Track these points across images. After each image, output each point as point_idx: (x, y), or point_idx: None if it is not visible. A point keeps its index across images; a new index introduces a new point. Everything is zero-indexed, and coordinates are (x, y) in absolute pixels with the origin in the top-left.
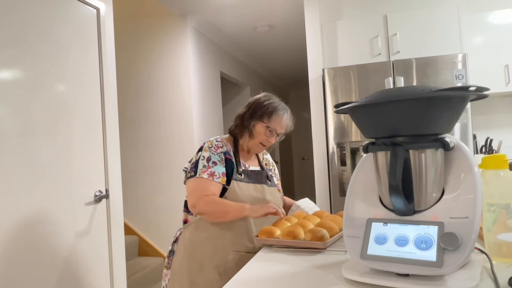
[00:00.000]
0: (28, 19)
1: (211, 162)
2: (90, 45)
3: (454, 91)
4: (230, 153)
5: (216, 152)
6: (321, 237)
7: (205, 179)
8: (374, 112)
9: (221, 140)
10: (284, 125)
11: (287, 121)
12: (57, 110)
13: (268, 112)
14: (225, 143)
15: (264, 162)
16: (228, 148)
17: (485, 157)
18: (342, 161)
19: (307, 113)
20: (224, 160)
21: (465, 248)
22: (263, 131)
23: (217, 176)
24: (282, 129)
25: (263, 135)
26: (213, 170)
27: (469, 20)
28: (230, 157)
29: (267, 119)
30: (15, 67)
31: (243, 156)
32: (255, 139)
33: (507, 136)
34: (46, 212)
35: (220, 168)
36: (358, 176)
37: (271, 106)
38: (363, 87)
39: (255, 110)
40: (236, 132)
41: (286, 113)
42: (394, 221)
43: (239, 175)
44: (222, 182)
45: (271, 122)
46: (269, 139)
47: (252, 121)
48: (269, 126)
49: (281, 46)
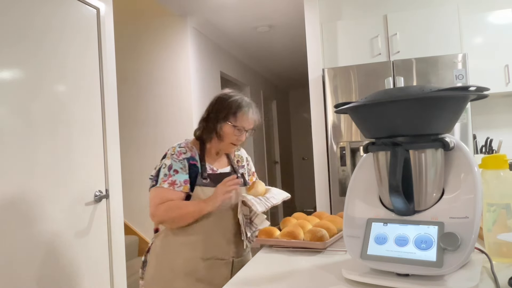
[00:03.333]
0: (28, 19)
1: (172, 171)
2: (90, 45)
3: (454, 91)
4: (196, 157)
5: (178, 159)
6: (321, 237)
7: (165, 189)
8: (374, 112)
9: (185, 145)
10: (251, 120)
11: (254, 116)
12: (57, 110)
13: (233, 111)
14: (189, 148)
15: (236, 159)
16: (193, 153)
17: (485, 157)
18: (342, 161)
19: (307, 113)
20: (187, 167)
21: (465, 248)
22: (231, 131)
23: (178, 184)
24: (250, 125)
25: (232, 135)
26: (174, 178)
27: (469, 20)
28: (194, 162)
29: (233, 119)
30: (15, 67)
31: (211, 158)
32: (225, 141)
33: (507, 136)
34: (46, 212)
35: (182, 176)
36: (358, 176)
37: (235, 104)
38: (363, 87)
39: (218, 111)
40: (203, 137)
41: (250, 108)
42: (394, 221)
43: (204, 180)
44: (184, 190)
45: (238, 121)
46: (239, 137)
47: (218, 123)
48: (236, 125)
49: (281, 46)
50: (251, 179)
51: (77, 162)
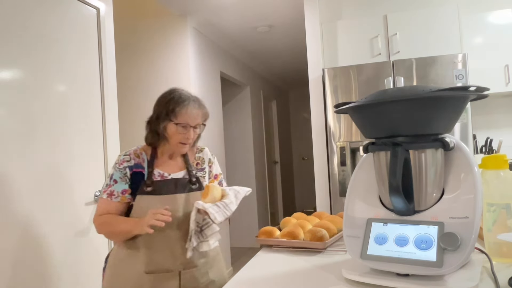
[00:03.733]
0: (28, 19)
1: (112, 180)
2: (90, 45)
3: (454, 91)
4: (143, 164)
5: (119, 168)
6: (321, 237)
7: (104, 200)
8: (374, 112)
9: (131, 152)
10: (193, 115)
11: (195, 110)
12: (57, 110)
13: (171, 109)
14: (135, 156)
15: (196, 162)
16: (140, 160)
17: (485, 157)
18: (342, 161)
19: (307, 113)
20: (128, 176)
21: (465, 248)
22: (175, 129)
23: (116, 195)
24: (195, 120)
25: (177, 134)
26: (112, 189)
27: (469, 20)
28: (140, 170)
29: (174, 116)
30: (15, 67)
31: (163, 163)
32: (172, 141)
33: (507, 136)
34: (46, 212)
35: (120, 186)
36: (358, 176)
37: (173, 101)
38: (363, 87)
39: (159, 112)
40: (152, 141)
41: (190, 102)
42: (394, 221)
43: (147, 188)
44: (122, 201)
45: (179, 118)
46: (185, 135)
47: (160, 124)
48: (178, 122)
49: (281, 46)
50: (212, 181)
51: (77, 162)
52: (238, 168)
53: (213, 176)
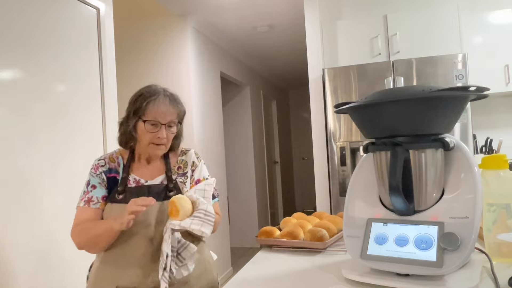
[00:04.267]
0: (27, 19)
1: (90, 186)
2: (90, 45)
3: (454, 91)
4: (118, 169)
5: (95, 173)
6: (321, 237)
7: (81, 208)
8: (374, 112)
9: (106, 157)
10: (162, 111)
11: (165, 105)
12: (57, 110)
13: (139, 105)
14: (110, 160)
15: (177, 166)
16: (116, 165)
17: (485, 157)
18: (342, 161)
19: (307, 113)
20: (106, 181)
21: (465, 248)
22: (143, 128)
23: (95, 201)
24: (164, 117)
25: (147, 133)
26: (91, 195)
27: (469, 20)
28: (114, 175)
29: (142, 113)
30: (15, 67)
31: (141, 168)
32: (143, 141)
33: (507, 136)
34: (46, 212)
35: (100, 191)
36: (358, 176)
37: (141, 98)
38: (363, 87)
39: (129, 111)
40: (124, 143)
41: (159, 97)
42: (394, 221)
43: (118, 196)
44: (102, 207)
45: (146, 114)
46: (156, 134)
47: (130, 123)
48: (147, 119)
49: (281, 46)
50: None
51: (77, 162)
52: (238, 168)
53: (194, 181)
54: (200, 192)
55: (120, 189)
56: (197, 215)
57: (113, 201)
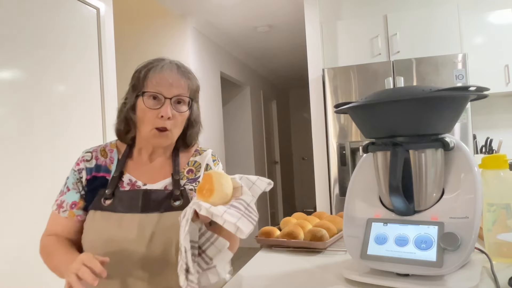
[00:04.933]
0: (28, 19)
1: (65, 186)
2: (90, 45)
3: (454, 91)
4: (110, 167)
5: (75, 169)
6: (321, 237)
7: (53, 213)
8: (374, 112)
9: (96, 149)
10: (167, 79)
11: (171, 73)
12: (57, 110)
13: (142, 77)
14: (100, 154)
15: (188, 168)
16: (107, 160)
17: (485, 157)
18: (342, 161)
19: (307, 113)
20: (83, 182)
21: (465, 248)
22: (143, 105)
23: (64, 208)
24: (169, 87)
25: (148, 113)
26: (63, 198)
27: (469, 20)
28: (102, 174)
29: (142, 85)
30: (15, 67)
31: (140, 167)
32: (144, 126)
33: (507, 136)
34: (46, 212)
35: (71, 195)
36: (358, 176)
37: (144, 68)
38: (363, 87)
39: (129, 89)
40: (126, 134)
41: (166, 64)
42: (394, 221)
43: (105, 201)
44: (70, 216)
45: (149, 85)
46: (160, 113)
47: (128, 103)
48: (149, 90)
49: (281, 46)
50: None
51: None
52: (238, 168)
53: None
54: (247, 182)
55: (108, 192)
56: (235, 204)
57: (97, 208)
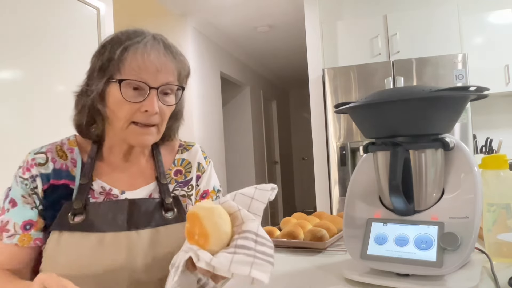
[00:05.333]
0: (28, 19)
1: (8, 202)
2: (90, 45)
3: (454, 91)
4: (72, 170)
5: (22, 178)
6: (321, 237)
7: None
8: (374, 112)
9: (51, 148)
10: (152, 62)
11: (157, 54)
12: (57, 110)
13: (116, 58)
14: (57, 154)
15: (175, 169)
16: (68, 162)
17: (485, 157)
18: (342, 161)
19: (307, 113)
20: (40, 193)
21: (465, 248)
22: (119, 96)
23: (10, 232)
24: (157, 74)
25: (124, 105)
26: (7, 218)
27: (469, 20)
28: (64, 182)
29: (116, 69)
30: (15, 67)
31: (114, 170)
32: (117, 121)
33: (507, 136)
34: None
35: (21, 212)
36: (358, 176)
37: (119, 46)
38: (363, 87)
39: (92, 70)
40: (88, 129)
41: (146, 40)
42: (394, 221)
43: (74, 218)
44: (24, 243)
45: (124, 70)
46: (143, 105)
47: (94, 90)
48: (125, 78)
49: (281, 46)
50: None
51: None
52: (238, 168)
53: (200, 194)
54: (243, 201)
55: (76, 205)
56: (241, 243)
57: (63, 227)
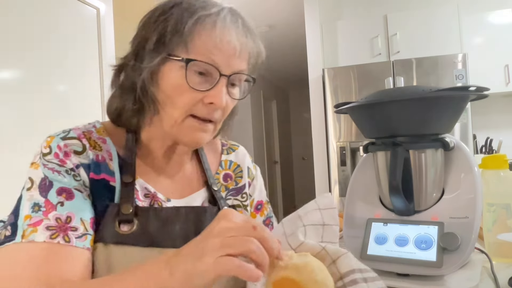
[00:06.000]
0: (28, 19)
1: (54, 193)
2: (90, 45)
3: (454, 91)
4: (109, 165)
5: (65, 166)
6: None
7: (46, 246)
8: (374, 112)
9: (79, 134)
10: (233, 44)
11: (237, 33)
12: (57, 110)
13: (186, 30)
14: (89, 142)
15: (223, 173)
16: (104, 154)
17: (485, 157)
18: (342, 161)
19: (307, 113)
20: (88, 185)
21: (465, 248)
22: (181, 79)
23: (79, 230)
24: (233, 59)
25: (186, 92)
26: (64, 212)
27: (469, 20)
28: (104, 177)
29: (183, 45)
30: (15, 67)
31: (154, 170)
32: (173, 110)
33: (507, 136)
34: None
35: (84, 205)
36: (358, 176)
37: (189, 15)
38: (363, 87)
39: (145, 40)
40: (131, 117)
41: (225, 14)
42: (394, 221)
43: (121, 226)
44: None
45: (197, 49)
46: (209, 98)
47: (144, 66)
48: (192, 58)
49: (281, 46)
50: (254, 216)
51: None
52: None
53: (255, 206)
54: (315, 231)
55: (125, 210)
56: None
57: (111, 238)
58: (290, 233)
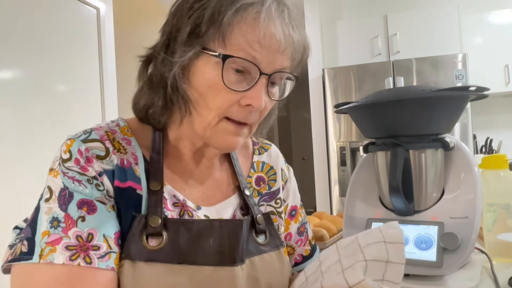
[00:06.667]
0: (28, 19)
1: (74, 205)
2: (90, 45)
3: (454, 91)
4: (135, 169)
5: (87, 174)
6: (321, 237)
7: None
8: (374, 112)
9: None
10: (276, 38)
11: (283, 27)
12: (57, 110)
13: (221, 21)
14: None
15: (255, 176)
16: (129, 157)
17: (485, 157)
18: (342, 161)
19: (307, 113)
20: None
21: (465, 248)
22: (215, 75)
23: (102, 249)
24: (276, 56)
25: (221, 92)
26: (85, 228)
27: (469, 20)
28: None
29: (220, 39)
30: (15, 67)
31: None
32: (206, 111)
33: (507, 136)
34: None
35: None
36: (358, 176)
37: (224, 1)
38: (363, 87)
39: (177, 30)
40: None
41: (270, 5)
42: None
43: (149, 241)
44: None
45: (236, 41)
46: (246, 99)
47: (178, 60)
48: (230, 53)
49: None
50: (288, 224)
51: None
52: None
53: (289, 212)
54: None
55: (153, 222)
56: None
57: (138, 256)
58: (348, 266)
